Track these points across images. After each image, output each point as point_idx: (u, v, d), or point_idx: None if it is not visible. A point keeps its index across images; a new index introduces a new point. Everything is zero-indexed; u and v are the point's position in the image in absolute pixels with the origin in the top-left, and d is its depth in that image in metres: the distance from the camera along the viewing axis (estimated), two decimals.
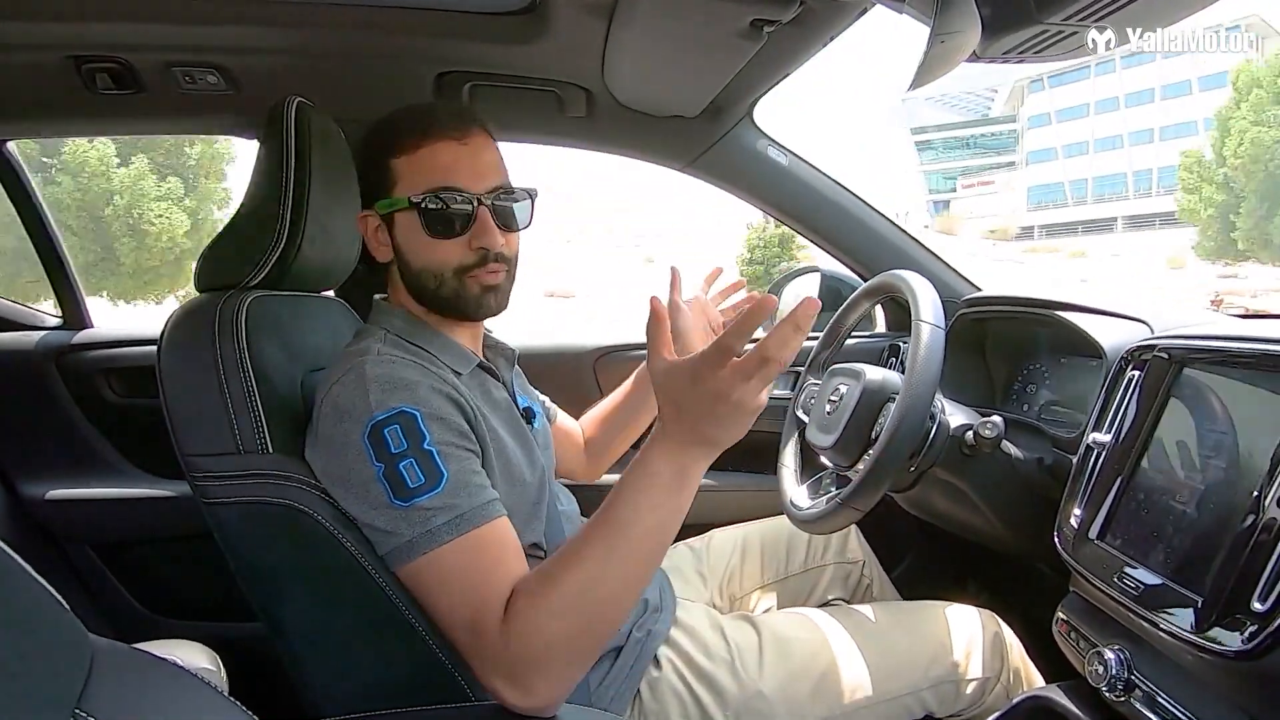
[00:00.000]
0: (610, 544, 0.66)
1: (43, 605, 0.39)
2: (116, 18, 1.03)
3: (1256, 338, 0.73)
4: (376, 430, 0.71)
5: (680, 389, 0.63)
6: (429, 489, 0.70)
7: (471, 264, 0.82)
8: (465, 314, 0.85)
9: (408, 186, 0.81)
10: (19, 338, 1.47)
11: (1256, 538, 0.62)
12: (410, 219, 0.82)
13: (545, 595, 0.66)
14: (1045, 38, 0.70)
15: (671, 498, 0.65)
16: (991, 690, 0.96)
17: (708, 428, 0.63)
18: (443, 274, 0.82)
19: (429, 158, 0.81)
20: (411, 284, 0.85)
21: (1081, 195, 42.63)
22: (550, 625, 0.65)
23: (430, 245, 0.82)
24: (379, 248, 0.87)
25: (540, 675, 0.66)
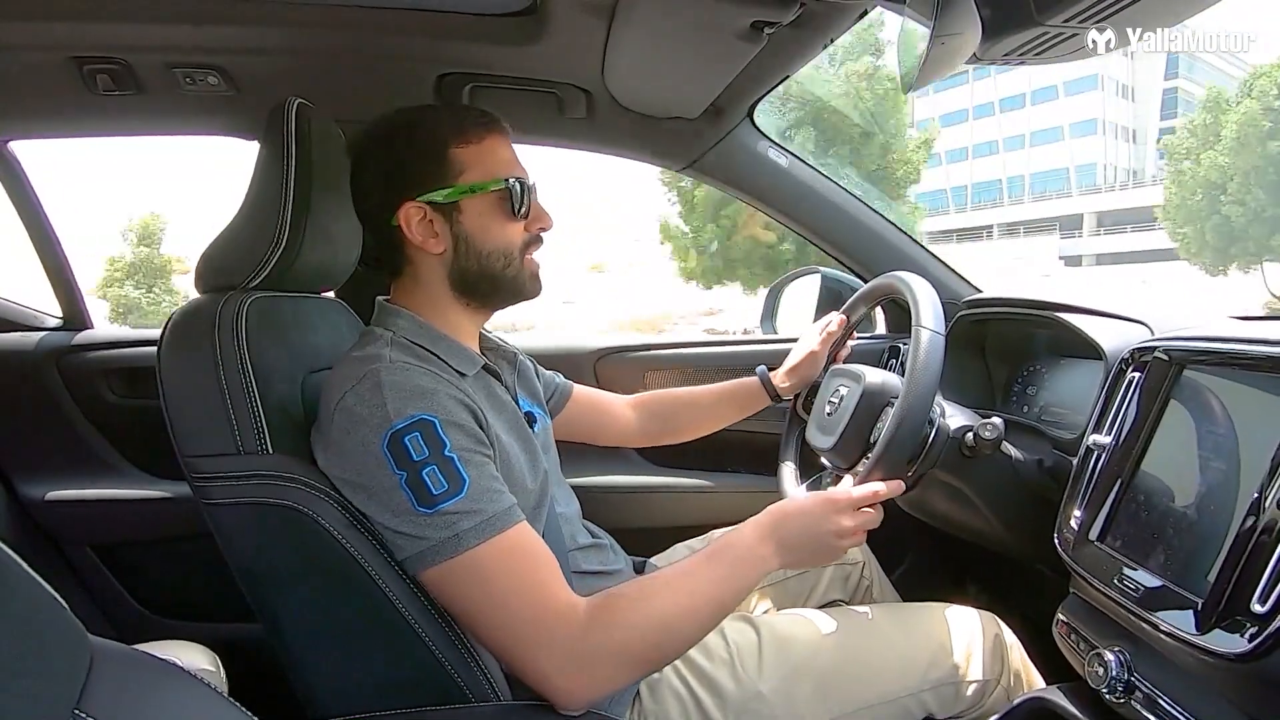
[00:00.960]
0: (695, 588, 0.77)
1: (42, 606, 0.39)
2: (117, 18, 1.03)
3: (1257, 339, 0.73)
4: (396, 439, 0.72)
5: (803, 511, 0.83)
6: (453, 495, 0.71)
7: (529, 243, 0.89)
8: (521, 296, 0.91)
9: (480, 173, 0.85)
10: (19, 338, 1.46)
11: (1257, 539, 0.62)
12: (487, 203, 0.86)
13: (642, 601, 0.74)
14: (1045, 39, 0.70)
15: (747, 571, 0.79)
16: (991, 693, 0.96)
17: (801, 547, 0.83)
18: (512, 254, 0.88)
19: (495, 149, 0.87)
20: (470, 270, 0.87)
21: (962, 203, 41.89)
22: (637, 626, 0.72)
23: (506, 228, 0.87)
24: (430, 239, 0.86)
25: (610, 668, 0.72)
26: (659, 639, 0.74)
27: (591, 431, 1.24)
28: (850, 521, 0.83)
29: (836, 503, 0.83)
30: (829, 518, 0.82)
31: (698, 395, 1.27)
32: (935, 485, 1.02)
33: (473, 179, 0.85)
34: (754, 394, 1.24)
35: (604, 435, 1.26)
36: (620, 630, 0.72)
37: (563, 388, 1.20)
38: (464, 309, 0.89)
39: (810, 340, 1.23)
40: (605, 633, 0.71)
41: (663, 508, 1.50)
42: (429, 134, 0.86)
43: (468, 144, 0.85)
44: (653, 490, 1.49)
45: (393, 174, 0.86)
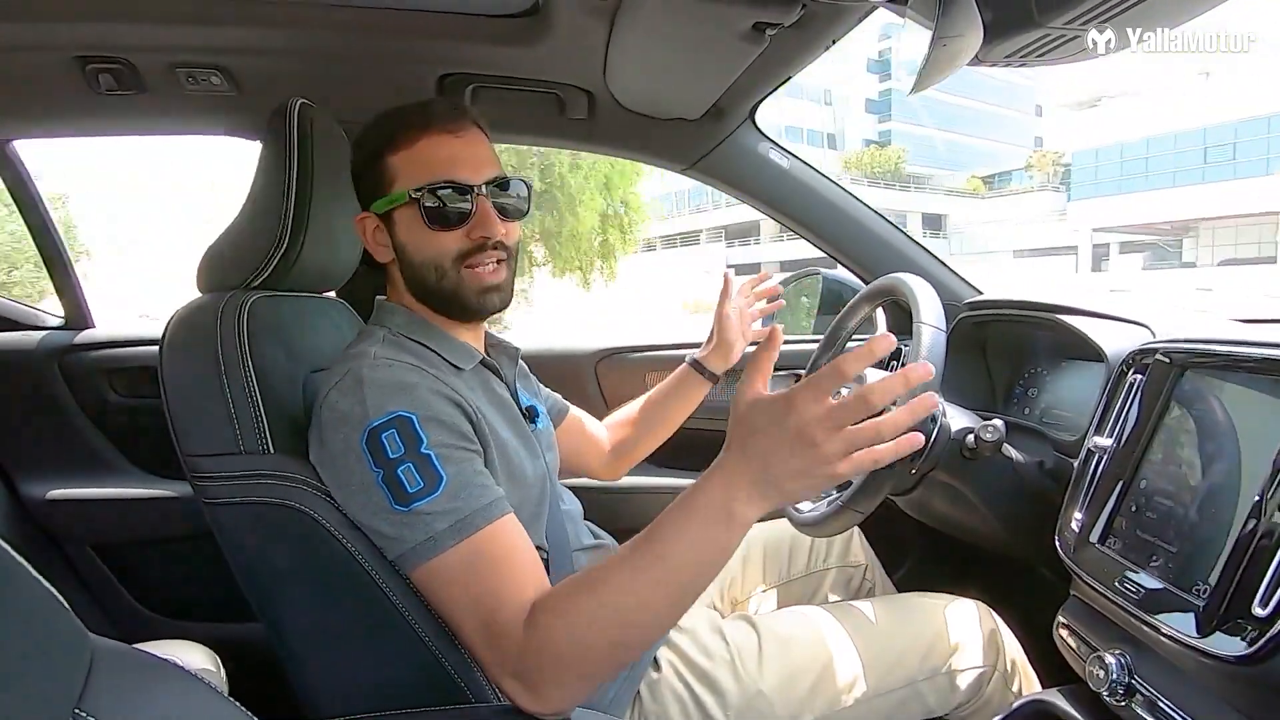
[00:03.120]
0: (643, 570, 0.63)
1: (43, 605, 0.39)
2: (120, 18, 1.03)
3: (1258, 342, 0.73)
4: (374, 436, 0.71)
5: (762, 423, 0.59)
6: (428, 493, 0.70)
7: (469, 251, 0.83)
8: (466, 310, 0.85)
9: (407, 182, 0.82)
10: (21, 337, 1.47)
11: (1258, 542, 0.62)
12: (411, 213, 0.82)
13: (568, 610, 0.65)
14: (1047, 41, 0.70)
15: (715, 534, 0.62)
16: (989, 682, 0.96)
17: (776, 468, 0.59)
18: (443, 265, 0.83)
19: (426, 151, 0.82)
20: (413, 281, 0.86)
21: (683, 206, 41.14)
22: (569, 639, 0.65)
23: (431, 238, 0.82)
24: (378, 248, 0.87)
25: (553, 684, 0.66)
26: (614, 637, 0.65)
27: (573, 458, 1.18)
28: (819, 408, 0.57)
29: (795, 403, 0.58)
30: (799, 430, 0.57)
31: (644, 408, 1.23)
32: (936, 487, 1.02)
33: (401, 186, 0.82)
34: (690, 380, 1.19)
35: (585, 464, 1.22)
36: (558, 641, 0.65)
37: (560, 408, 1.18)
38: (438, 315, 0.87)
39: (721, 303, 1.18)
40: (539, 652, 0.65)
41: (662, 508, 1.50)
42: (369, 142, 0.85)
43: (399, 150, 0.82)
44: (653, 491, 1.49)
45: (355, 183, 0.88)
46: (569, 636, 0.65)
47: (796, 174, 1.42)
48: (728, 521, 0.61)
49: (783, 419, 0.58)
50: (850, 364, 0.57)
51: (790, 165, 1.42)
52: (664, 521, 0.64)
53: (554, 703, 0.66)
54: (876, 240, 1.46)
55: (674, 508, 0.64)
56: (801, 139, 38.92)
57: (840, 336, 1.23)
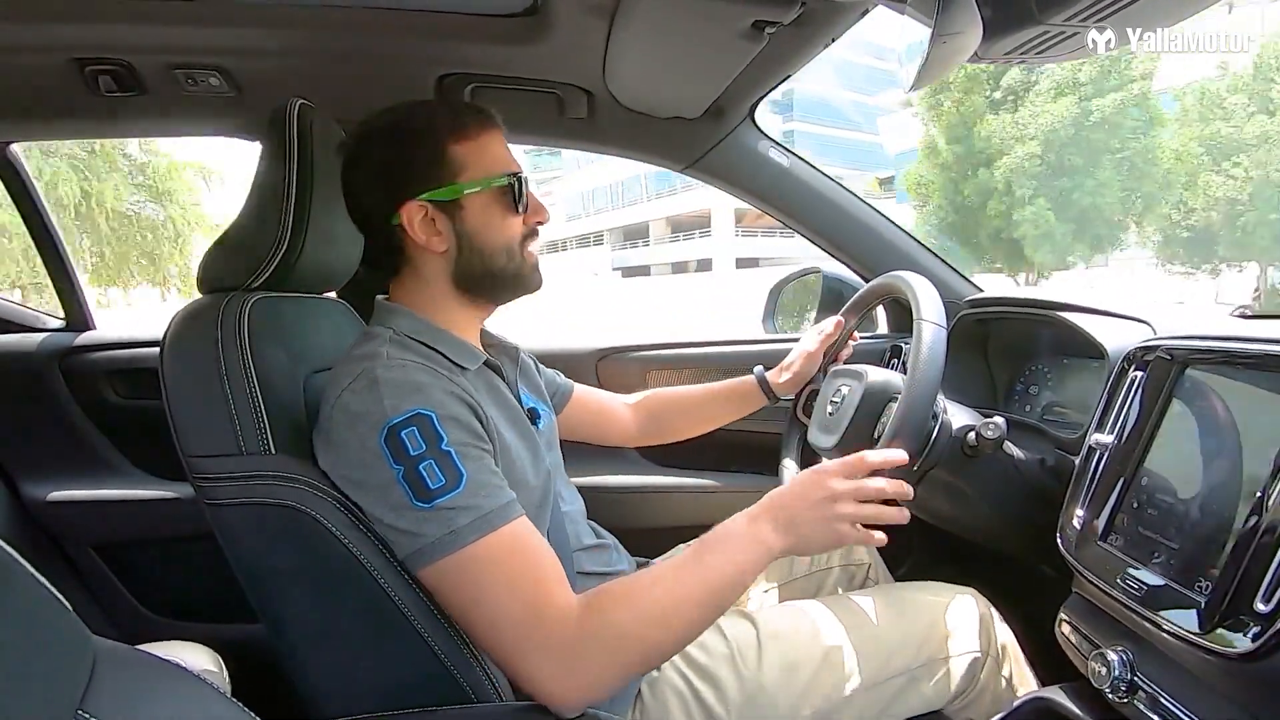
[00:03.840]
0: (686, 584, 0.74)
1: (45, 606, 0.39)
2: (119, 20, 1.03)
3: (1259, 338, 0.73)
4: (394, 433, 0.71)
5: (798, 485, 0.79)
6: (450, 489, 0.71)
7: (526, 235, 0.89)
8: (525, 289, 0.91)
9: (479, 170, 0.84)
10: (21, 339, 1.47)
11: (1260, 539, 0.62)
12: (487, 199, 0.85)
13: (625, 605, 0.72)
14: (1046, 38, 0.70)
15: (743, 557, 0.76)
16: (983, 668, 0.96)
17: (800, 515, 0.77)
18: (514, 247, 0.87)
19: (490, 145, 0.86)
20: (474, 267, 0.87)
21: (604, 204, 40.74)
22: (621, 630, 0.70)
23: (509, 223, 0.87)
24: (432, 237, 0.85)
25: (597, 669, 0.70)
26: (653, 636, 0.72)
27: (592, 432, 1.24)
28: (844, 485, 0.77)
29: (825, 469, 0.79)
30: (821, 485, 0.77)
31: (695, 394, 1.27)
32: (937, 485, 1.02)
33: (473, 175, 0.84)
34: (751, 393, 1.24)
35: (604, 435, 1.26)
36: (612, 631, 0.70)
37: (564, 387, 1.20)
38: (466, 306, 0.89)
39: (808, 341, 1.23)
40: (596, 633, 0.70)
41: (664, 508, 1.50)
42: (428, 131, 0.84)
43: (465, 140, 0.84)
44: (654, 490, 1.49)
45: (392, 173, 0.84)
46: (623, 628, 0.70)
47: (796, 172, 1.42)
48: (757, 548, 0.76)
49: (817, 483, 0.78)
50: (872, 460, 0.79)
51: (790, 164, 1.42)
52: (706, 543, 0.77)
53: (589, 688, 0.70)
54: (876, 238, 1.46)
55: (714, 534, 0.78)
56: None
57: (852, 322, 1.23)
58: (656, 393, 1.29)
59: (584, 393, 1.23)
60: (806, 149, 19.55)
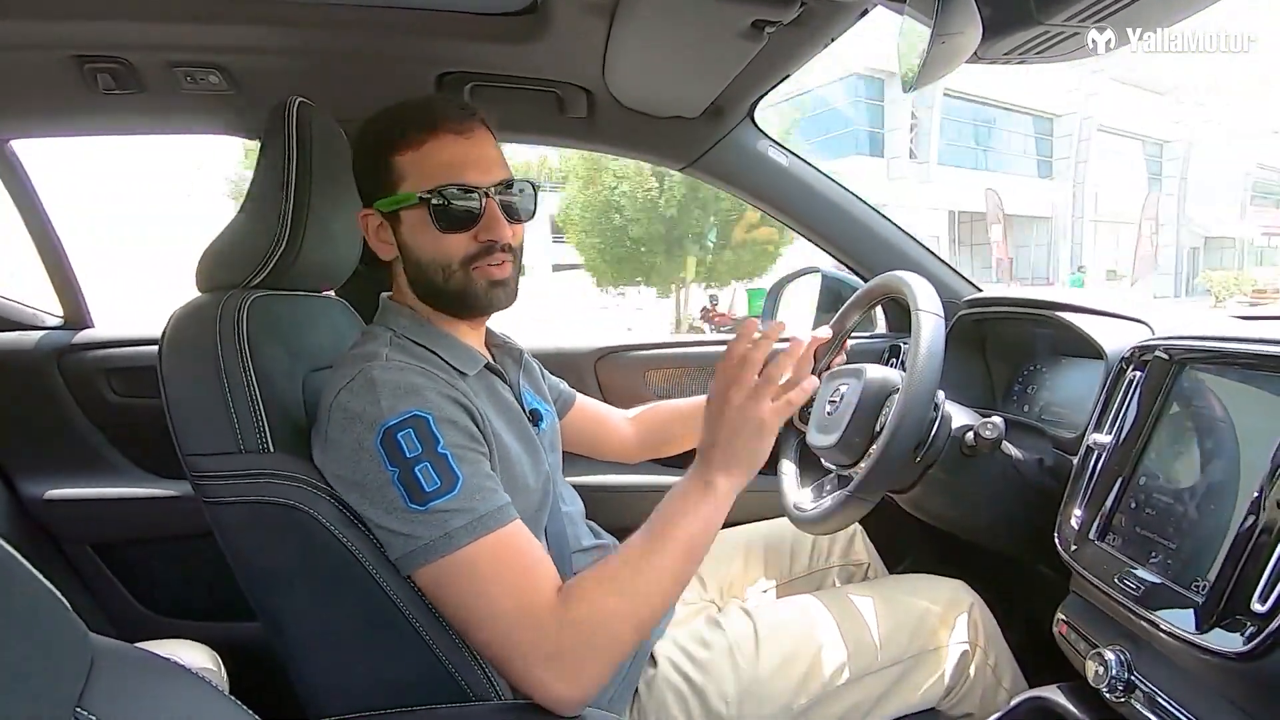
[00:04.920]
0: (652, 553, 0.74)
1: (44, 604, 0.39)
2: (118, 17, 1.03)
3: (1256, 338, 0.73)
4: (390, 435, 0.71)
5: (709, 414, 0.79)
6: (445, 492, 0.71)
7: (476, 254, 0.82)
8: (474, 308, 0.85)
9: (415, 183, 0.81)
10: (19, 337, 1.47)
11: (1257, 538, 0.62)
12: (419, 215, 0.81)
13: (596, 594, 0.72)
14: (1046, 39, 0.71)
15: (703, 510, 0.76)
16: (973, 659, 0.97)
17: (724, 439, 0.77)
18: (450, 266, 0.82)
19: (435, 153, 0.81)
20: (417, 280, 0.85)
21: None
22: (599, 619, 0.71)
23: (439, 240, 0.82)
24: (382, 246, 0.86)
25: (591, 660, 0.70)
26: (637, 613, 0.73)
27: (590, 443, 1.22)
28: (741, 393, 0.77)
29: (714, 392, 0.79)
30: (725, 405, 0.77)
31: (694, 406, 1.25)
32: (936, 485, 1.02)
33: (409, 188, 0.81)
34: None
35: (602, 448, 1.24)
36: (593, 617, 0.70)
37: (567, 396, 1.19)
38: (440, 313, 0.87)
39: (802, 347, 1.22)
40: (578, 628, 0.70)
41: None
42: (375, 140, 0.83)
43: (407, 150, 0.81)
44: (654, 490, 1.49)
45: (357, 179, 0.87)
46: (600, 616, 0.71)
47: (795, 172, 1.42)
48: (710, 495, 0.77)
49: (720, 408, 0.78)
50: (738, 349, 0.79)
51: (789, 163, 1.42)
52: (661, 511, 0.77)
53: (585, 684, 0.70)
54: (875, 238, 1.46)
55: (666, 499, 0.78)
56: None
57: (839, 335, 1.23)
58: (654, 406, 1.28)
59: (585, 403, 1.22)
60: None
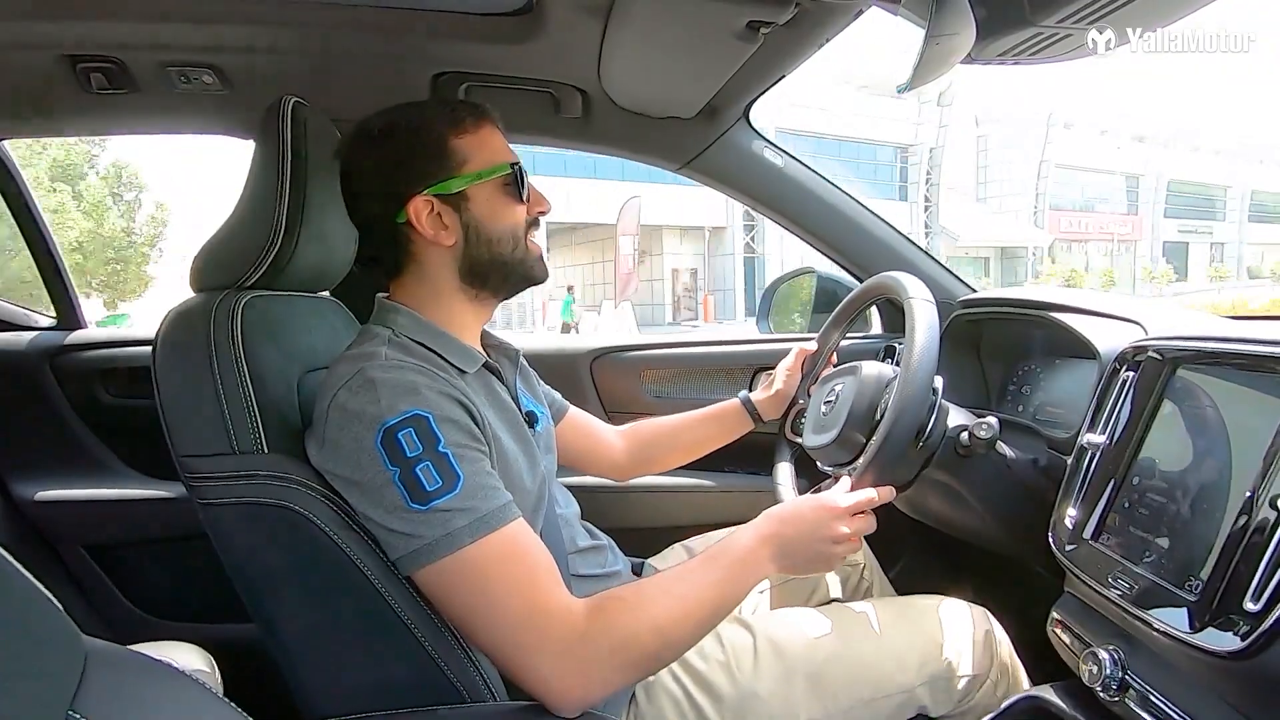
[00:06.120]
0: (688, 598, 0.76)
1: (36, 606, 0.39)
2: (111, 17, 1.02)
3: (1249, 339, 0.73)
4: (390, 434, 0.71)
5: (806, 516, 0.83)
6: (446, 491, 0.70)
7: (529, 224, 0.91)
8: (532, 276, 0.92)
9: (480, 162, 0.86)
10: (12, 338, 1.46)
11: (1249, 538, 0.63)
12: (491, 189, 0.87)
13: (635, 609, 0.73)
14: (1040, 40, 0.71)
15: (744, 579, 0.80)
16: (979, 688, 0.96)
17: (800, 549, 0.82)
18: (519, 235, 0.89)
19: (490, 138, 0.88)
20: (481, 258, 0.88)
21: None
22: (629, 633, 0.72)
23: (513, 211, 0.88)
24: (440, 231, 0.85)
25: (604, 670, 0.71)
26: (656, 644, 0.73)
27: (579, 456, 1.21)
28: (847, 528, 0.83)
29: (834, 510, 0.83)
30: (826, 524, 0.82)
31: (682, 423, 1.25)
32: (931, 485, 1.02)
33: (476, 167, 0.86)
34: (737, 417, 1.23)
35: (591, 462, 1.23)
36: (617, 634, 0.71)
37: (559, 405, 1.18)
38: (470, 301, 0.89)
39: (788, 360, 1.24)
40: (602, 637, 0.70)
41: (660, 508, 1.50)
42: (427, 127, 0.86)
43: (465, 134, 0.86)
44: (650, 490, 1.49)
45: (394, 171, 0.85)
46: (627, 634, 0.71)
47: (790, 172, 1.42)
48: (755, 570, 0.80)
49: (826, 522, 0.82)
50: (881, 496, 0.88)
51: (784, 164, 1.42)
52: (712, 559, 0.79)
53: (588, 689, 0.70)
54: (870, 238, 1.47)
55: (720, 550, 0.80)
56: None
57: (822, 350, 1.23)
58: (644, 423, 1.27)
59: (577, 415, 1.21)
60: None
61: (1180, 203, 34.11)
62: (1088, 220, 31.96)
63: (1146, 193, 32.42)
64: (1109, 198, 33.05)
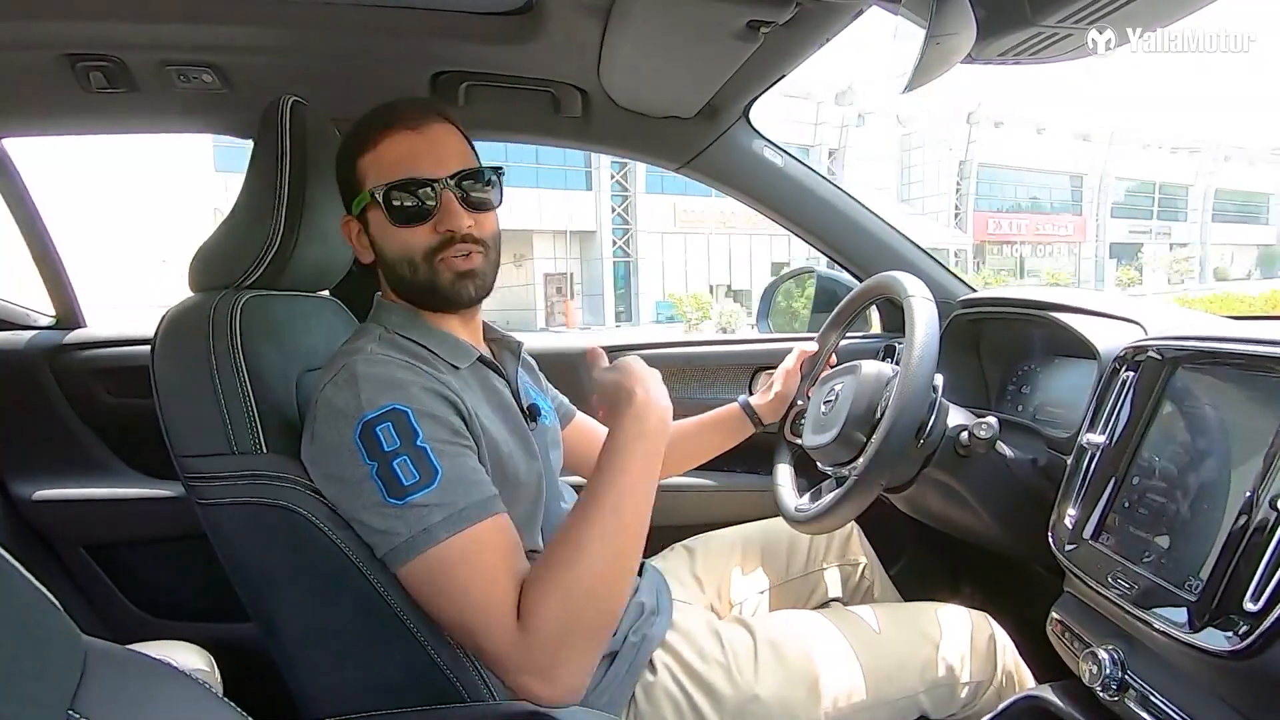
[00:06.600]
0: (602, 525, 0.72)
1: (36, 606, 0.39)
2: (110, 16, 1.02)
3: (1249, 338, 0.73)
4: (368, 429, 0.71)
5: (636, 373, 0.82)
6: (423, 486, 0.70)
7: (438, 245, 0.82)
8: (445, 300, 0.85)
9: (372, 181, 0.82)
10: (10, 337, 1.46)
11: (1249, 538, 0.63)
12: (378, 210, 0.83)
13: (553, 588, 0.69)
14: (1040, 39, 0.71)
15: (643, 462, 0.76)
16: (983, 694, 0.96)
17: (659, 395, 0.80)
18: (414, 260, 0.83)
19: (389, 150, 0.82)
20: (391, 278, 0.86)
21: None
22: (562, 614, 0.69)
23: (397, 234, 0.83)
24: (362, 250, 0.87)
25: (563, 662, 0.69)
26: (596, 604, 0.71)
27: (581, 462, 1.18)
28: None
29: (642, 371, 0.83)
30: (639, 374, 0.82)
31: (683, 430, 1.23)
32: (930, 484, 1.02)
33: (368, 187, 0.83)
34: (738, 422, 1.22)
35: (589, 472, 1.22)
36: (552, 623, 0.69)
37: (566, 409, 1.18)
38: (424, 309, 0.87)
39: (788, 362, 1.23)
40: (541, 634, 0.68)
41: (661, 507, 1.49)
42: (345, 147, 0.86)
43: (367, 151, 0.83)
44: None
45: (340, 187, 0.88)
46: (562, 612, 0.69)
47: (790, 172, 1.42)
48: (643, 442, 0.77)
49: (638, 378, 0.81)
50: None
51: (784, 163, 1.42)
52: (600, 480, 0.75)
53: (567, 681, 0.69)
54: (870, 238, 1.47)
55: (599, 466, 0.76)
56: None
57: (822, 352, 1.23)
58: None
59: (583, 421, 1.21)
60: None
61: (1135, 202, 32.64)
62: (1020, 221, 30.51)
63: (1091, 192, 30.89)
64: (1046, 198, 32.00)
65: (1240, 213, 35.94)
